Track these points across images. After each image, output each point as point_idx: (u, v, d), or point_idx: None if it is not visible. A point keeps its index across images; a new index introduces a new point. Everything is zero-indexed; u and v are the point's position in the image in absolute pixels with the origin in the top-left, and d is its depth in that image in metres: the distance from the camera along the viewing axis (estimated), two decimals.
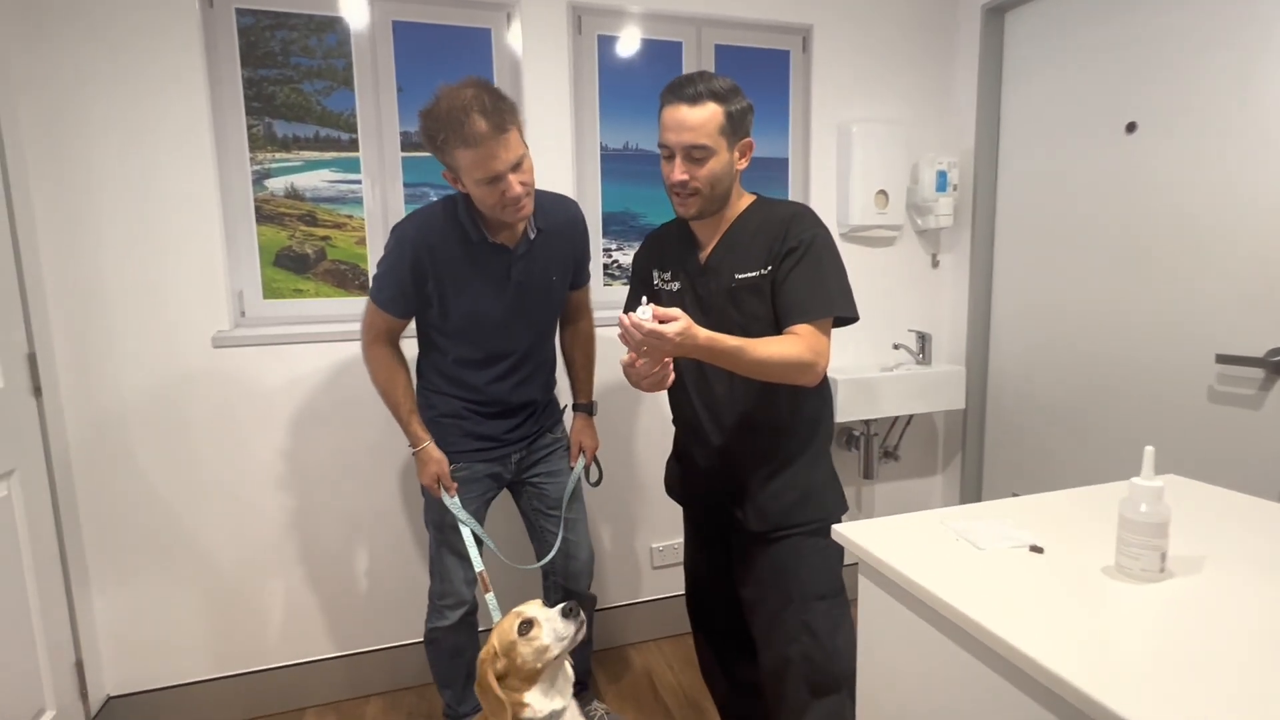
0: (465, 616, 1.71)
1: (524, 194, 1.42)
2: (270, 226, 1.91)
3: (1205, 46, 1.75)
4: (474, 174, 1.37)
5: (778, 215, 1.34)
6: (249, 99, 1.84)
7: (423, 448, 1.58)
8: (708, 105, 1.25)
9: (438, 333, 1.60)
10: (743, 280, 1.32)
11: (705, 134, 1.25)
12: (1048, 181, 2.21)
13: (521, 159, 1.41)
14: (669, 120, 1.27)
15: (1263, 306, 1.67)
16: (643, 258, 1.54)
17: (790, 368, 1.21)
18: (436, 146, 1.39)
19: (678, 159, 1.27)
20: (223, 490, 1.91)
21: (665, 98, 1.29)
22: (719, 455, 1.42)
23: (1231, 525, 1.01)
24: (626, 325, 1.10)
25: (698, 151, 1.26)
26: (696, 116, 1.25)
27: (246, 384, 1.89)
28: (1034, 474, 2.33)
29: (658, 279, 1.48)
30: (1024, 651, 0.72)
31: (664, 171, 1.32)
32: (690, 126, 1.25)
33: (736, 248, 1.35)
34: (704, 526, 1.56)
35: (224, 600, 1.95)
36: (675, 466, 1.59)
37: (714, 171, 1.28)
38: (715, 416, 1.41)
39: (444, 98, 1.36)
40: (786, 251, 1.29)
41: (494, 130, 1.34)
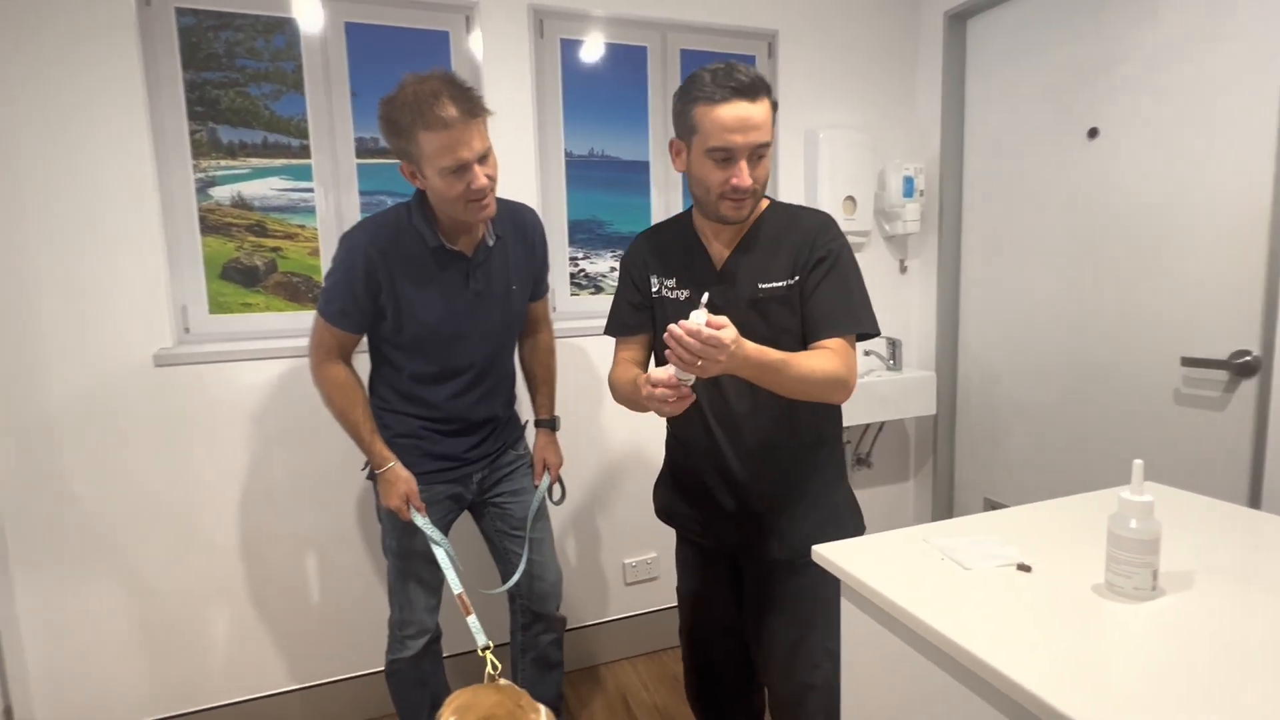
0: (429, 645, 1.63)
1: (489, 188, 1.36)
2: (216, 237, 1.81)
3: (1165, 54, 1.77)
4: (440, 161, 1.30)
5: (802, 223, 1.26)
6: (191, 103, 1.75)
7: (389, 468, 1.49)
8: (764, 100, 1.15)
9: (391, 347, 1.51)
10: (769, 290, 1.23)
11: (767, 130, 1.15)
12: (1012, 187, 2.22)
13: (488, 152, 1.36)
14: (730, 120, 1.12)
15: (1226, 309, 1.69)
16: (638, 263, 1.38)
17: (830, 384, 1.15)
18: (399, 132, 1.32)
19: (743, 163, 1.15)
20: (164, 516, 1.79)
21: (712, 93, 1.13)
22: (738, 479, 1.30)
23: (1215, 535, 0.99)
24: (680, 335, 0.98)
25: (762, 150, 1.16)
26: (761, 113, 1.14)
27: (191, 403, 1.78)
28: (1004, 479, 2.33)
29: (659, 286, 1.34)
30: (1017, 681, 0.68)
31: (711, 178, 1.18)
32: (757, 124, 1.13)
33: (756, 254, 1.26)
34: (710, 554, 1.42)
35: (164, 633, 1.83)
36: (674, 492, 1.45)
37: (768, 168, 1.21)
38: (734, 437, 1.29)
39: (410, 84, 1.30)
40: (815, 262, 1.22)
41: (464, 115, 1.29)
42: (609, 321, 1.43)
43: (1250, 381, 1.66)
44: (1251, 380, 1.66)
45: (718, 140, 1.14)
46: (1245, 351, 1.65)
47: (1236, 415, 1.69)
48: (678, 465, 1.43)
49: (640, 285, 1.37)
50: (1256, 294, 1.63)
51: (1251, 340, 1.65)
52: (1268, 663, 0.69)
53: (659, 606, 2.32)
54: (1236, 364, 1.66)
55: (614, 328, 1.42)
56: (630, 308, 1.38)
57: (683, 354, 0.99)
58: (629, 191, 2.18)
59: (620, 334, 1.40)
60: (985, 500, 2.43)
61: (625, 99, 2.14)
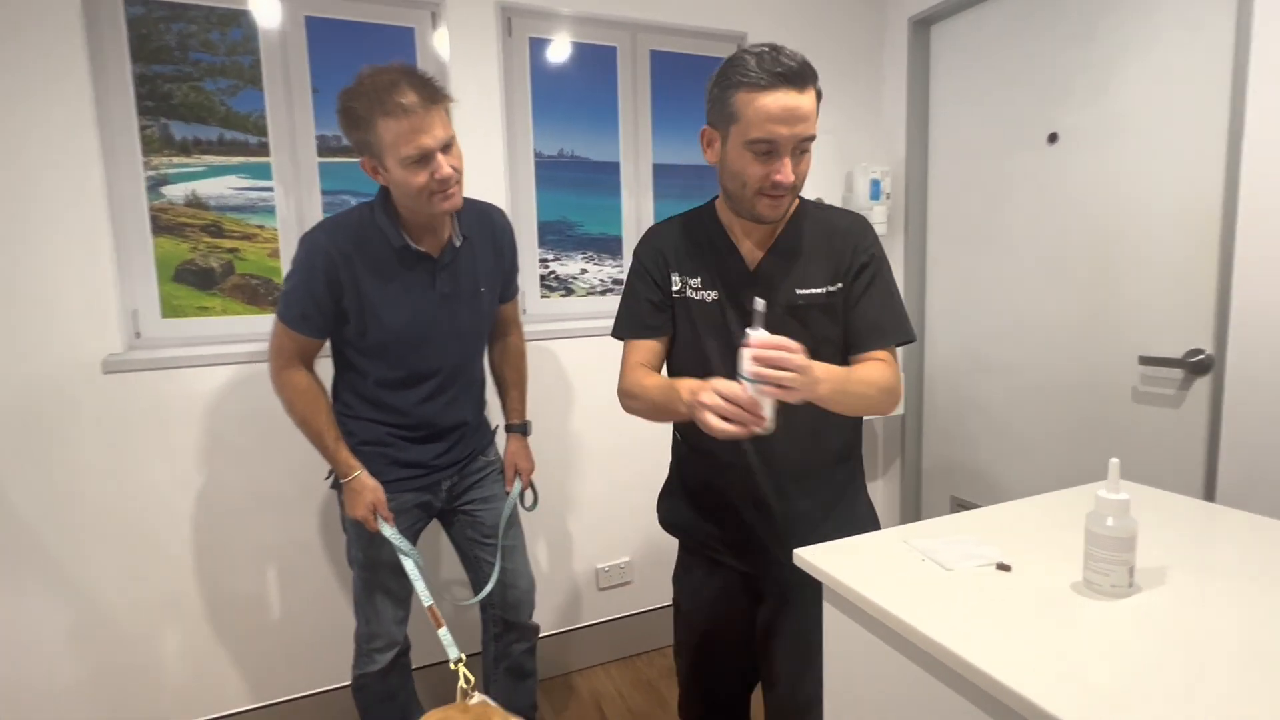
0: (397, 658, 1.59)
1: (454, 178, 1.32)
2: (169, 238, 1.73)
3: (1124, 61, 1.82)
4: (401, 150, 1.26)
5: (839, 225, 1.19)
6: (141, 97, 1.67)
7: (355, 477, 1.44)
8: (812, 89, 1.04)
9: (355, 351, 1.46)
10: (808, 296, 1.15)
11: (814, 122, 1.05)
12: (975, 190, 2.26)
13: (452, 141, 1.32)
14: (775, 110, 1.01)
15: (1181, 309, 1.74)
16: (656, 259, 1.24)
17: (888, 397, 1.10)
18: (358, 123, 1.28)
19: (786, 157, 1.05)
20: (114, 528, 1.71)
21: (755, 79, 1.02)
22: (768, 500, 1.22)
23: (1186, 532, 1.01)
24: (771, 355, 0.89)
25: (807, 143, 1.06)
26: (808, 103, 1.03)
27: (143, 411, 1.70)
28: (971, 477, 2.38)
29: (683, 285, 1.22)
30: (1002, 681, 0.68)
31: (750, 172, 1.07)
32: (804, 115, 1.03)
33: (792, 257, 1.17)
34: (727, 573, 1.31)
35: (114, 651, 1.74)
36: (689, 506, 1.33)
37: (809, 165, 1.10)
38: (766, 452, 1.20)
39: (368, 74, 1.27)
40: (859, 267, 1.16)
41: (424, 101, 1.26)
42: (621, 322, 1.28)
43: (1204, 379, 1.71)
44: (1205, 378, 1.71)
45: (760, 131, 1.03)
46: (1199, 350, 1.70)
47: (1191, 412, 1.74)
48: (697, 480, 1.31)
49: (660, 283, 1.23)
50: (1209, 294, 1.68)
51: (1205, 339, 1.70)
52: (1245, 656, 0.70)
53: (632, 611, 2.30)
54: (1191, 362, 1.71)
55: (630, 329, 1.26)
56: (651, 306, 1.23)
57: (767, 373, 0.89)
58: (599, 193, 2.16)
59: (639, 335, 1.24)
60: (952, 499, 2.47)
61: (595, 99, 2.12)
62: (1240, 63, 1.56)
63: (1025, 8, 2.06)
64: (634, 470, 2.24)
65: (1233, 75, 1.59)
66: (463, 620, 2.01)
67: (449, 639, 1.39)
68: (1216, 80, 1.62)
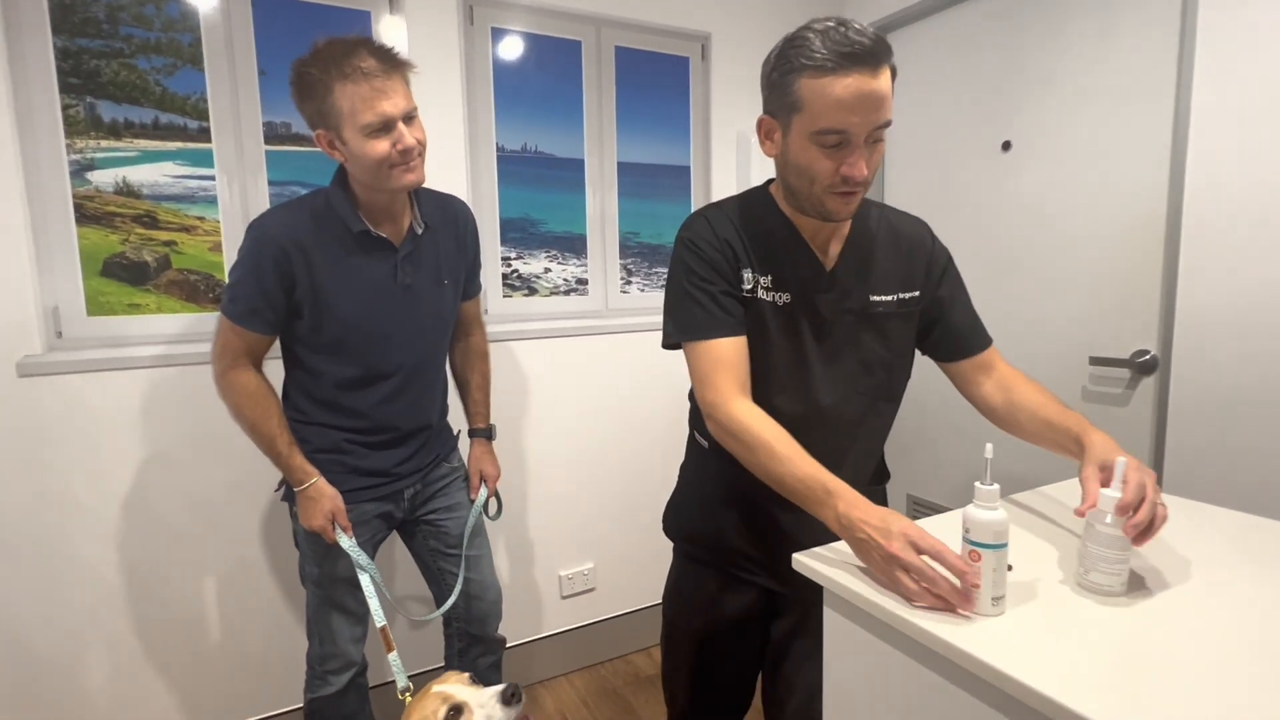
0: (354, 679, 1.49)
1: (417, 149, 1.26)
2: (96, 229, 1.58)
3: (1075, 72, 1.89)
4: (361, 117, 1.19)
5: (904, 227, 1.14)
6: (64, 74, 1.52)
7: (311, 484, 1.34)
8: (887, 68, 0.91)
9: (308, 350, 1.36)
10: (883, 304, 1.08)
11: (891, 107, 0.92)
12: (931, 194, 2.32)
13: (414, 113, 1.26)
14: (848, 96, 0.88)
15: (1128, 312, 1.82)
16: (723, 250, 1.05)
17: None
18: (312, 91, 1.20)
19: (859, 149, 0.93)
20: (29, 546, 1.55)
21: (827, 61, 0.89)
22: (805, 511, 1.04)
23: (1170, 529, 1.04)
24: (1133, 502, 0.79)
25: (881, 131, 0.93)
26: (884, 86, 0.90)
27: (65, 418, 1.55)
28: (927, 476, 2.43)
29: (755, 285, 1.06)
30: (1021, 680, 0.67)
31: (817, 166, 0.95)
32: (879, 101, 0.90)
33: (868, 260, 1.09)
34: (745, 588, 1.21)
35: (30, 682, 1.58)
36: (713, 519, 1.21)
37: (882, 154, 0.97)
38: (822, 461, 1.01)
39: (325, 42, 1.21)
40: (940, 273, 1.12)
41: (385, 66, 1.20)
42: (690, 322, 1.04)
43: (1150, 379, 1.79)
44: (1151, 378, 1.79)
45: (830, 121, 0.90)
46: (1145, 351, 1.78)
47: (1138, 410, 1.82)
48: (729, 490, 1.17)
49: (730, 277, 1.05)
50: (1154, 298, 1.76)
51: (1150, 340, 1.78)
52: (1253, 649, 0.72)
53: (597, 619, 2.25)
54: (1138, 363, 1.79)
55: (707, 327, 1.03)
56: (731, 299, 1.04)
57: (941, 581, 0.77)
58: (563, 190, 2.11)
59: (717, 333, 1.03)
60: (908, 497, 2.51)
61: (560, 94, 2.06)
62: (1184, 74, 1.64)
63: (980, 18, 2.12)
64: (597, 475, 2.19)
65: (1177, 86, 1.67)
66: (425, 634, 1.92)
67: (399, 665, 1.31)
68: (1162, 89, 1.70)
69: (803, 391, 1.08)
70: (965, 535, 0.78)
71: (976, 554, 0.76)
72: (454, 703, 1.07)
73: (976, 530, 0.76)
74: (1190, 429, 1.67)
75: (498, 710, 1.06)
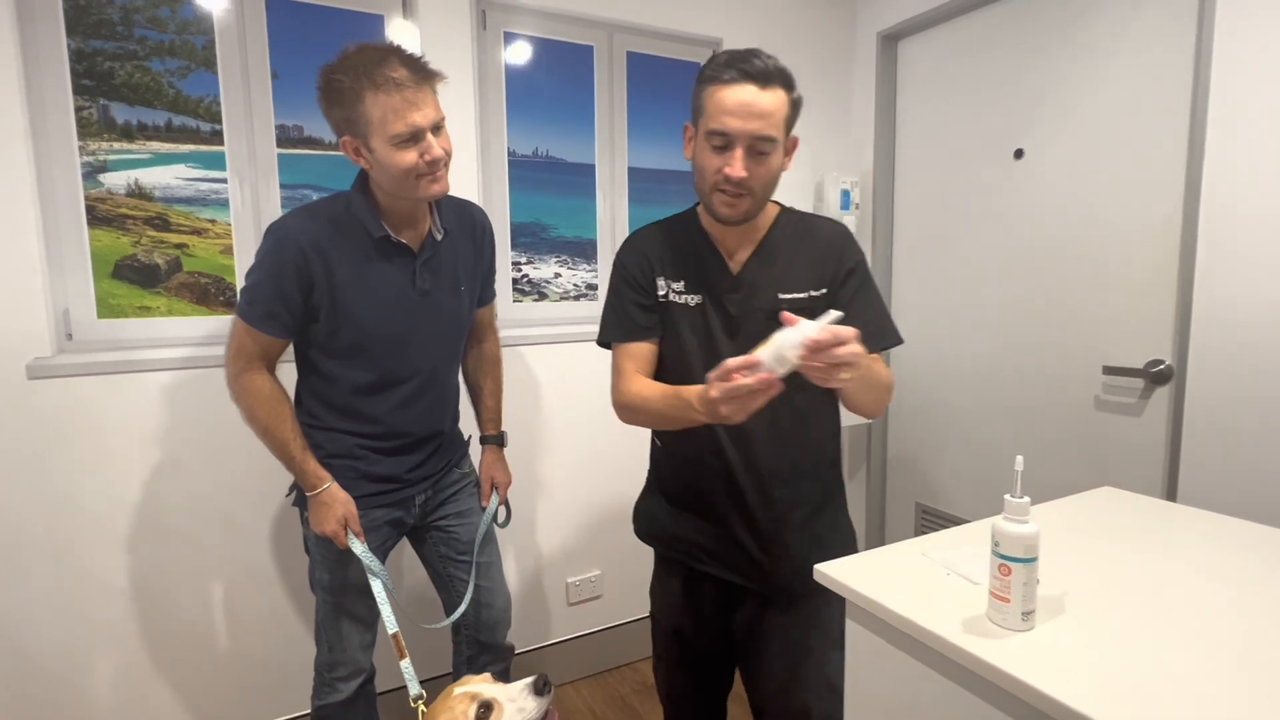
0: (363, 686, 1.48)
1: (444, 160, 1.26)
2: (108, 230, 1.58)
3: (1089, 79, 1.89)
4: (391, 128, 1.18)
5: (819, 231, 1.21)
6: (78, 75, 1.51)
7: (324, 489, 1.33)
8: (778, 90, 1.05)
9: (323, 354, 1.35)
10: (789, 301, 1.14)
11: (774, 124, 1.05)
12: (942, 202, 2.31)
13: (442, 124, 1.25)
14: (732, 103, 1.04)
15: (1143, 321, 1.81)
16: (639, 263, 1.23)
17: (888, 395, 1.12)
18: (342, 99, 1.19)
19: (738, 151, 1.05)
20: (37, 551, 1.54)
21: (720, 73, 1.05)
22: (750, 503, 1.20)
23: (1189, 541, 1.03)
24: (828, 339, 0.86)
25: (763, 144, 1.05)
26: (768, 101, 1.04)
27: (74, 421, 1.54)
28: (935, 485, 2.41)
29: (667, 289, 1.21)
30: (1059, 699, 0.66)
31: (707, 164, 1.09)
32: (761, 113, 1.04)
33: (776, 262, 1.18)
34: (705, 580, 1.29)
35: (36, 689, 1.57)
36: (669, 513, 1.32)
37: (772, 170, 1.09)
38: (749, 458, 1.19)
39: (355, 48, 1.19)
40: (846, 274, 1.16)
41: (416, 77, 1.19)
42: (609, 327, 1.25)
43: (1164, 389, 1.78)
44: (1165, 387, 1.78)
45: (716, 123, 1.06)
46: (1160, 360, 1.77)
47: (1151, 420, 1.81)
48: (678, 484, 1.30)
49: (646, 286, 1.22)
50: (1169, 307, 1.75)
51: (1165, 350, 1.77)
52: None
53: (604, 626, 2.23)
54: (1152, 372, 1.78)
55: (620, 332, 1.23)
56: (641, 310, 1.22)
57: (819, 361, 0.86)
58: (574, 195, 2.10)
59: (631, 338, 1.22)
60: (917, 505, 2.50)
61: (572, 99, 2.06)
62: (1201, 81, 1.63)
63: (992, 26, 2.11)
64: (605, 481, 2.18)
65: (1193, 92, 1.66)
66: (433, 642, 1.90)
67: (411, 672, 1.29)
68: (1178, 97, 1.69)
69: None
70: (995, 549, 0.76)
71: (1007, 568, 0.75)
72: (483, 699, 1.05)
73: (1007, 544, 0.75)
74: (1206, 440, 1.66)
75: (530, 702, 1.05)
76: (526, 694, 1.05)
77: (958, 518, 2.31)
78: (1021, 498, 0.76)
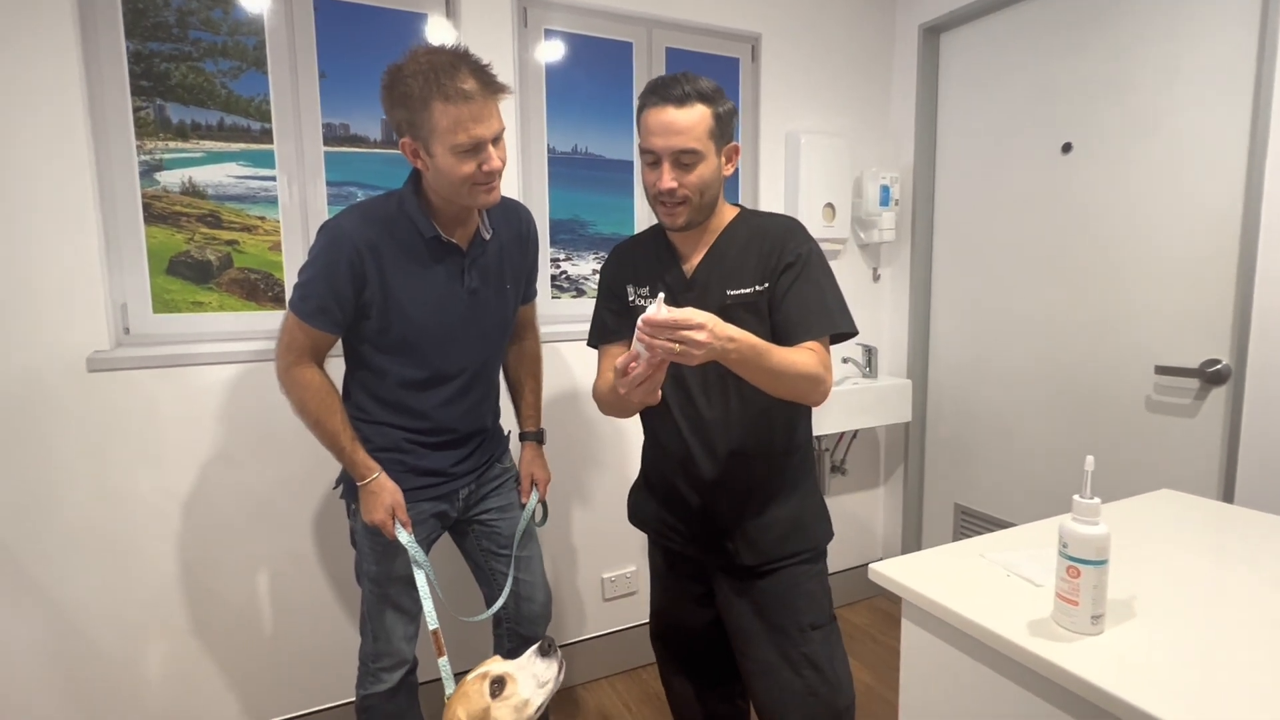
0: (405, 677, 1.50)
1: (500, 171, 1.27)
2: (163, 228, 1.62)
3: (1137, 74, 1.83)
4: (454, 138, 1.19)
5: (769, 228, 1.27)
6: (136, 77, 1.56)
7: (374, 479, 1.35)
8: (696, 107, 1.16)
9: (373, 349, 1.38)
10: (737, 297, 1.23)
11: (694, 137, 1.16)
12: (984, 197, 2.26)
13: (502, 135, 1.27)
14: (654, 124, 1.17)
15: (1197, 319, 1.75)
16: (614, 272, 1.39)
17: (808, 381, 1.13)
18: (408, 103, 1.20)
19: (665, 165, 1.17)
20: (95, 539, 1.59)
21: (647, 99, 1.19)
22: (709, 486, 1.30)
23: (1250, 545, 0.99)
24: (653, 319, 0.95)
25: (687, 156, 1.17)
26: (685, 119, 1.15)
27: (130, 413, 1.58)
28: (975, 485, 2.37)
29: (634, 295, 1.35)
30: (1131, 702, 0.64)
31: (646, 180, 1.22)
32: (679, 130, 1.15)
33: (725, 261, 1.26)
34: (679, 560, 1.42)
35: (93, 671, 1.62)
36: (647, 497, 1.45)
37: (703, 178, 1.19)
38: (706, 444, 1.29)
39: (422, 52, 1.20)
40: (784, 267, 1.21)
41: (484, 89, 1.20)
42: (591, 333, 1.41)
43: (1220, 389, 1.73)
44: (1222, 388, 1.73)
45: (645, 142, 1.19)
46: (1216, 360, 1.72)
47: (1207, 422, 1.76)
48: (651, 469, 1.43)
49: (618, 294, 1.36)
50: (1227, 304, 1.70)
51: (1222, 349, 1.72)
52: None
53: (638, 622, 2.24)
54: (1208, 372, 1.72)
55: (596, 337, 1.39)
56: (612, 315, 1.37)
57: (654, 339, 0.96)
58: (612, 192, 2.10)
59: (604, 341, 1.37)
60: (955, 506, 2.46)
61: (610, 96, 2.06)
62: (1264, 71, 1.58)
63: (1036, 18, 2.07)
64: None
65: (1255, 84, 1.61)
66: (473, 636, 1.92)
67: (448, 671, 1.31)
68: (1239, 85, 1.64)
69: (677, 378, 1.29)
70: (1063, 550, 0.75)
71: (1076, 570, 0.73)
72: (494, 676, 1.10)
73: (1076, 546, 0.73)
74: (1265, 442, 1.61)
75: (540, 665, 1.10)
76: (536, 660, 1.11)
77: (1000, 520, 2.27)
78: (1092, 499, 0.74)
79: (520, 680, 1.11)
